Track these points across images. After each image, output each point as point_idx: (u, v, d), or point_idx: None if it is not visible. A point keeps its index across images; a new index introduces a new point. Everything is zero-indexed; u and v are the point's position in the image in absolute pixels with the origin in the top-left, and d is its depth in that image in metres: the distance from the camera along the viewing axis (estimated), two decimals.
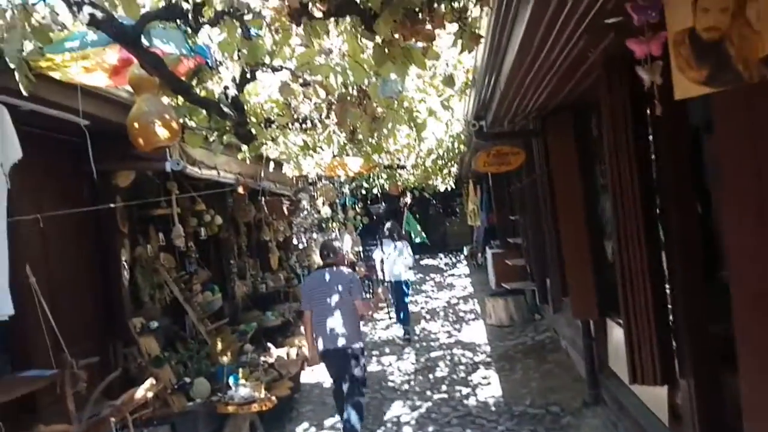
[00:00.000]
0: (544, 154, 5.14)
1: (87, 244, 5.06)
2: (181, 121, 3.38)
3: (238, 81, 3.23)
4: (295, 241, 7.14)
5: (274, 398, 5.16)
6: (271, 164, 6.72)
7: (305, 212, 6.95)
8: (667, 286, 3.11)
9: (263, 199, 6.10)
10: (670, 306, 3.08)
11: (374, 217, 12.48)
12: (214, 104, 3.03)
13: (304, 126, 4.07)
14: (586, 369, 5.12)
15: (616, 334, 4.58)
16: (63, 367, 3.63)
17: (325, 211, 8.08)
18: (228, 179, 6.29)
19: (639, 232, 3.01)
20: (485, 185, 12.23)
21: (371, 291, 9.97)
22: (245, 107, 3.49)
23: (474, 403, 5.68)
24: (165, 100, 3.31)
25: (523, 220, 8.05)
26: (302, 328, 8.05)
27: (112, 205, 4.69)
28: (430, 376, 6.75)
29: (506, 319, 8.65)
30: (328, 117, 3.64)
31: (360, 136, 4.41)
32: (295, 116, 3.95)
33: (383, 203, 13.22)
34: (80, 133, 3.68)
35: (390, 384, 6.61)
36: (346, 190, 10.53)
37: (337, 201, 10.29)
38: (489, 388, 6.07)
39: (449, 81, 3.16)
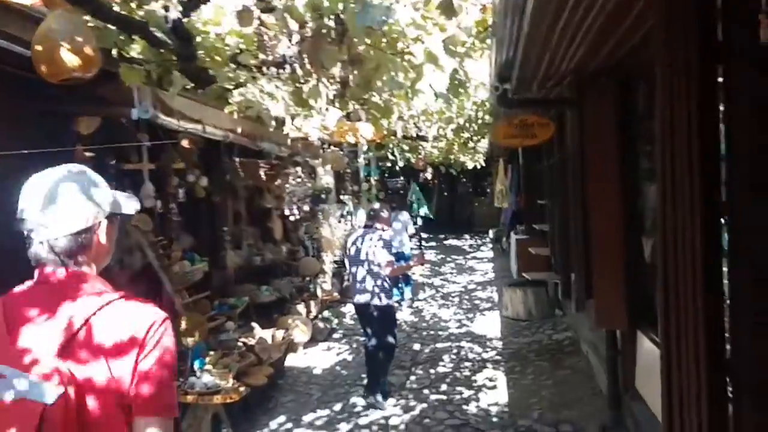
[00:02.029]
0: (579, 128, 4.28)
1: None
2: (114, 51, 2.67)
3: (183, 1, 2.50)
4: (286, 212, 6.42)
5: (242, 389, 4.54)
6: (272, 123, 6.03)
7: (299, 179, 6.23)
8: (726, 308, 2.29)
9: (237, 160, 5.38)
10: (728, 335, 2.27)
11: (390, 192, 11.71)
12: (139, 27, 2.30)
13: (281, 71, 3.31)
14: (608, 386, 4.33)
15: (648, 350, 3.77)
16: None
17: (327, 180, 7.35)
18: (217, 136, 5.61)
19: (694, 234, 2.18)
20: (516, 165, 11.31)
21: None
22: (196, 39, 2.74)
23: (474, 410, 4.96)
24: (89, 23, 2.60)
25: (551, 205, 7.19)
26: (299, 307, 7.45)
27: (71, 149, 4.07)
28: (432, 371, 6.05)
29: (524, 312, 7.85)
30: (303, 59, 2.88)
31: (352, 92, 3.62)
32: (270, 57, 3.20)
33: (401, 177, 12.42)
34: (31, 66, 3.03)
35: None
36: (361, 159, 9.77)
37: (348, 171, 9.56)
38: (494, 392, 5.33)
39: (448, 8, 2.36)
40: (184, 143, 4.15)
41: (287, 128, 6.02)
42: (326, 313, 7.93)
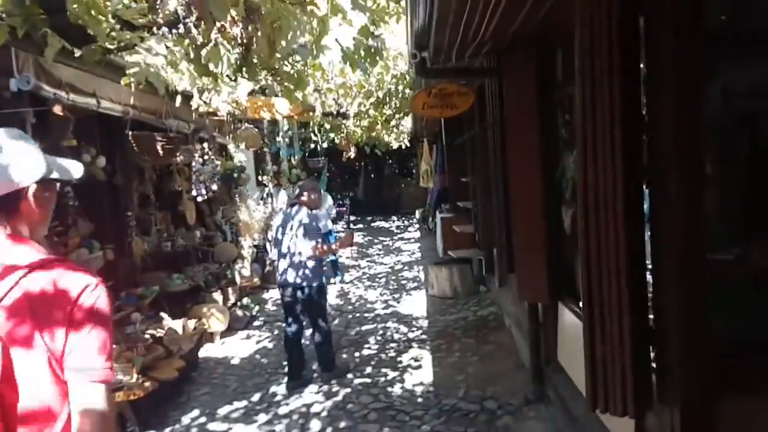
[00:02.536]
0: (499, 98, 4.16)
1: None
2: None
3: None
4: (194, 192, 5.98)
5: (148, 384, 4.17)
6: (178, 98, 5.57)
7: (206, 158, 5.80)
8: (649, 275, 2.20)
9: (130, 133, 4.92)
10: (651, 303, 2.18)
11: (314, 173, 11.38)
12: None
13: (175, 31, 2.95)
14: (530, 360, 4.29)
15: (570, 323, 3.73)
16: None
17: (240, 158, 6.94)
18: (115, 111, 5.11)
19: (616, 198, 2.07)
20: (440, 144, 11.25)
21: None
22: None
23: (399, 392, 4.81)
24: None
25: (474, 182, 7.14)
26: (215, 295, 7.05)
27: None
28: (356, 354, 5.87)
29: (449, 290, 7.81)
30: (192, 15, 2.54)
31: (259, 57, 3.30)
32: (160, 15, 2.83)
33: (323, 157, 12.10)
34: None
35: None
36: (279, 138, 9.37)
37: (266, 150, 9.15)
38: (419, 373, 5.21)
39: None
40: (56, 110, 3.67)
41: (195, 102, 5.58)
42: (245, 300, 7.57)
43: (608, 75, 2.06)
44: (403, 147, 12.84)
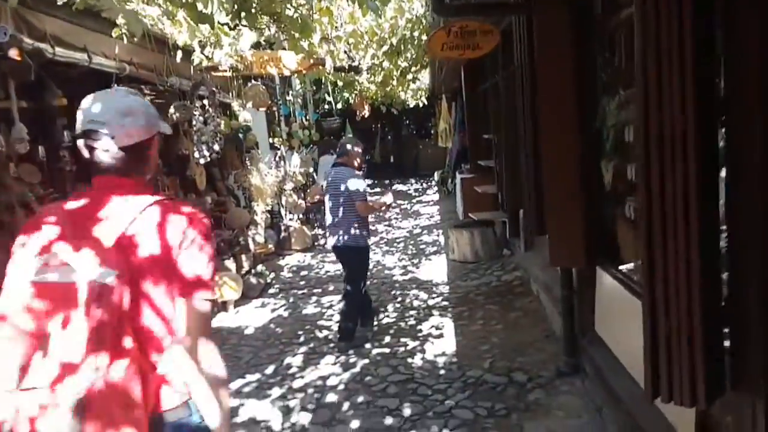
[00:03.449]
0: (527, 37, 3.70)
1: None
2: None
3: None
4: (195, 154, 5.61)
5: None
6: (179, 54, 5.17)
7: (207, 116, 5.39)
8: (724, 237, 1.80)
9: (114, 86, 4.53)
10: (727, 275, 1.78)
11: (330, 135, 10.96)
12: None
13: None
14: (563, 330, 3.93)
15: (610, 289, 3.35)
16: None
17: (245, 117, 6.54)
18: (108, 67, 4.75)
19: (686, 143, 1.66)
20: (459, 100, 10.73)
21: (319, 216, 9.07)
22: None
23: (419, 363, 4.50)
24: None
25: (497, 138, 6.69)
26: (227, 262, 6.77)
27: None
28: (374, 323, 5.56)
29: (471, 254, 7.45)
30: None
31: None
32: None
33: (338, 118, 11.64)
34: None
35: (324, 333, 5.41)
36: (290, 97, 8.94)
37: (277, 111, 8.74)
38: (441, 342, 4.90)
39: None
40: (12, 54, 3.31)
41: (196, 57, 5.18)
42: (260, 268, 7.29)
43: (676, 22, 1.63)
44: (421, 105, 12.30)
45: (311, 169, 9.73)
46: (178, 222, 1.45)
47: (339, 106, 12.79)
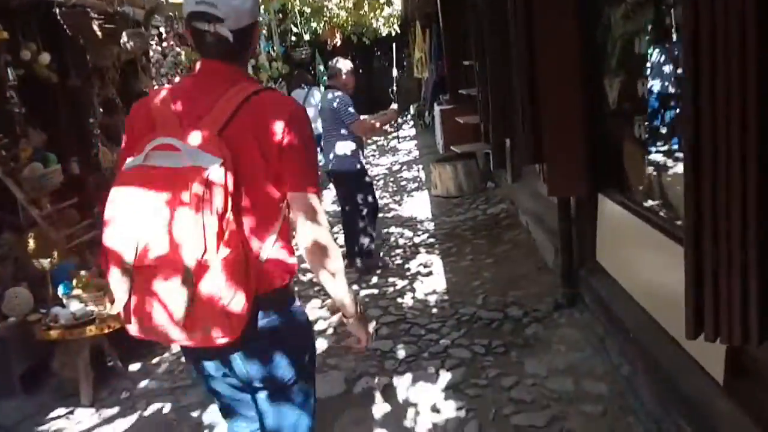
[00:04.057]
0: None
1: None
2: None
3: None
4: (156, 88, 5.14)
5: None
6: None
7: (164, 45, 4.89)
8: None
9: (58, 10, 4.04)
10: None
11: (300, 66, 10.35)
12: None
13: None
14: (561, 261, 3.75)
15: (615, 216, 3.14)
16: None
17: None
18: None
19: (746, 49, 1.38)
20: (435, 27, 10.20)
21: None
22: None
23: (410, 303, 4.33)
24: None
25: (480, 62, 6.30)
26: None
27: None
28: (359, 264, 5.34)
29: (454, 188, 7.22)
30: None
31: None
32: None
33: (308, 48, 11.01)
34: None
35: (308, 276, 5.18)
36: (263, 31, 8.32)
37: None
38: (430, 280, 4.72)
39: None
40: None
41: None
42: None
43: None
44: (393, 34, 11.70)
45: None
46: (283, 114, 1.45)
47: (307, 38, 12.10)
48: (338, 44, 10.96)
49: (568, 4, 3.07)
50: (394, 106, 5.24)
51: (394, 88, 7.95)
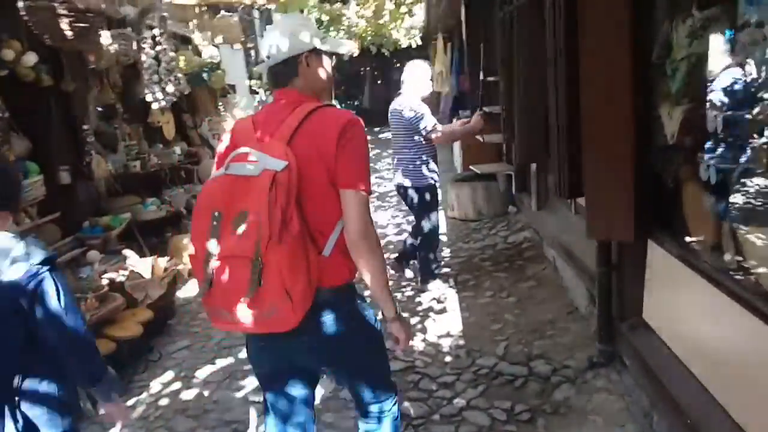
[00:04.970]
0: None
1: None
2: None
3: None
4: (149, 98, 4.67)
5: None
6: None
7: (158, 49, 4.46)
8: None
9: (22, 3, 3.61)
10: None
11: None
12: None
13: None
14: (599, 313, 3.24)
15: (667, 267, 2.65)
16: None
17: (210, 53, 5.59)
18: None
19: None
20: (457, 40, 9.75)
21: None
22: None
23: (420, 347, 3.83)
24: None
25: (506, 78, 5.84)
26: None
27: None
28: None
29: (473, 211, 6.72)
30: None
31: None
32: None
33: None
34: None
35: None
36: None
37: (253, 47, 7.76)
38: (444, 318, 4.23)
39: None
40: None
41: None
42: None
43: None
44: (414, 45, 11.25)
45: None
46: (338, 124, 1.66)
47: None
48: (356, 52, 10.54)
49: (621, 16, 2.59)
50: (480, 113, 4.76)
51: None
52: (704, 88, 2.32)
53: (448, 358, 3.63)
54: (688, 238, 2.54)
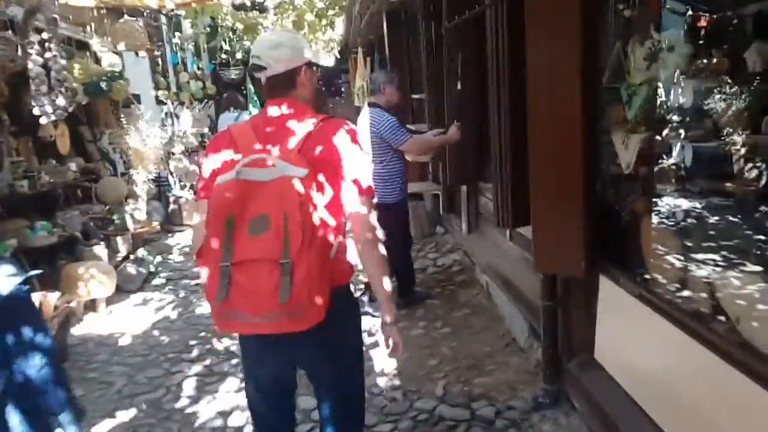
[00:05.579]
0: None
1: None
2: None
3: None
4: (36, 111, 4.04)
5: None
6: None
7: (47, 56, 3.86)
8: None
9: None
10: None
11: (231, 88, 9.40)
12: None
13: None
14: (543, 350, 3.05)
15: (621, 304, 2.48)
16: None
17: (111, 60, 5.04)
18: None
19: None
20: (378, 54, 9.56)
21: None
22: None
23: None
24: None
25: (434, 98, 5.67)
26: (97, 249, 5.35)
27: None
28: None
29: None
30: None
31: None
32: None
33: (239, 68, 10.08)
34: None
35: (225, 342, 4.25)
36: (177, 39, 7.35)
37: (161, 57, 7.18)
38: (376, 354, 3.91)
39: None
40: None
41: None
42: (141, 252, 5.91)
43: None
44: (333, 59, 10.98)
45: (206, 129, 8.21)
46: (339, 134, 1.78)
47: (239, 56, 11.15)
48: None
49: (570, 35, 2.41)
50: (457, 123, 4.37)
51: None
52: (662, 117, 2.18)
53: (383, 402, 3.31)
54: (642, 274, 2.38)
